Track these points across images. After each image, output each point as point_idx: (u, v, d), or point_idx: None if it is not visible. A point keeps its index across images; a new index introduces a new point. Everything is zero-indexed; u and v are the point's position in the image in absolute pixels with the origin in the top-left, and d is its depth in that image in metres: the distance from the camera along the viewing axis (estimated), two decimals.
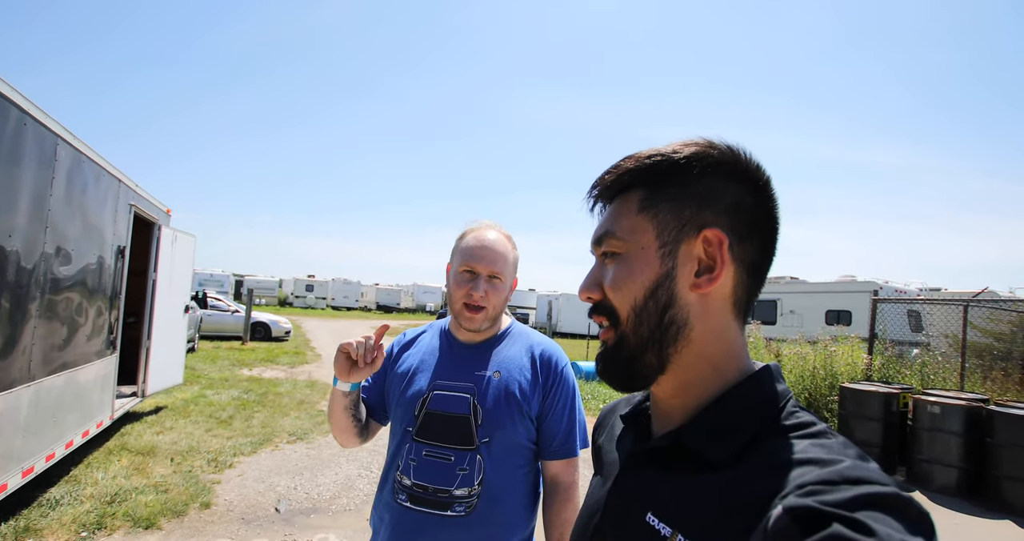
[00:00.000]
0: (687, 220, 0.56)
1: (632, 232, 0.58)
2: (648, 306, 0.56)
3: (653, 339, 0.56)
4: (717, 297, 0.56)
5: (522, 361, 1.33)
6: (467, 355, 1.34)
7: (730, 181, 0.56)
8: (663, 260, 0.56)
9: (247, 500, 3.90)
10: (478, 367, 1.31)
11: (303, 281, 38.15)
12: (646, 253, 0.57)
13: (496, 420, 1.25)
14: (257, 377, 9.01)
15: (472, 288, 1.28)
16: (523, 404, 1.28)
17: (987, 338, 9.61)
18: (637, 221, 0.58)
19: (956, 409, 5.08)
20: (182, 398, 6.85)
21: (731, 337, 0.57)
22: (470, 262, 1.29)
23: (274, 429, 5.80)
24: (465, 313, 1.29)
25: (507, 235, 1.37)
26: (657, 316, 0.55)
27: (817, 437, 0.49)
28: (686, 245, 0.56)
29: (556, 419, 1.31)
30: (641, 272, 0.56)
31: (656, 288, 0.56)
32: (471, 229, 1.36)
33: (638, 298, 0.56)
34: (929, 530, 0.38)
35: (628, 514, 0.57)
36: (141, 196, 5.22)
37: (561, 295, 27.66)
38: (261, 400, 7.17)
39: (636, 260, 0.57)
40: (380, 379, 1.43)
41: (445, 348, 1.37)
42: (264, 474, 4.45)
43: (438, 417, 1.26)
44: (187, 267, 6.43)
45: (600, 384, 9.77)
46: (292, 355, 12.08)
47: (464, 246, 1.32)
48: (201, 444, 5.05)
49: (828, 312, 14.27)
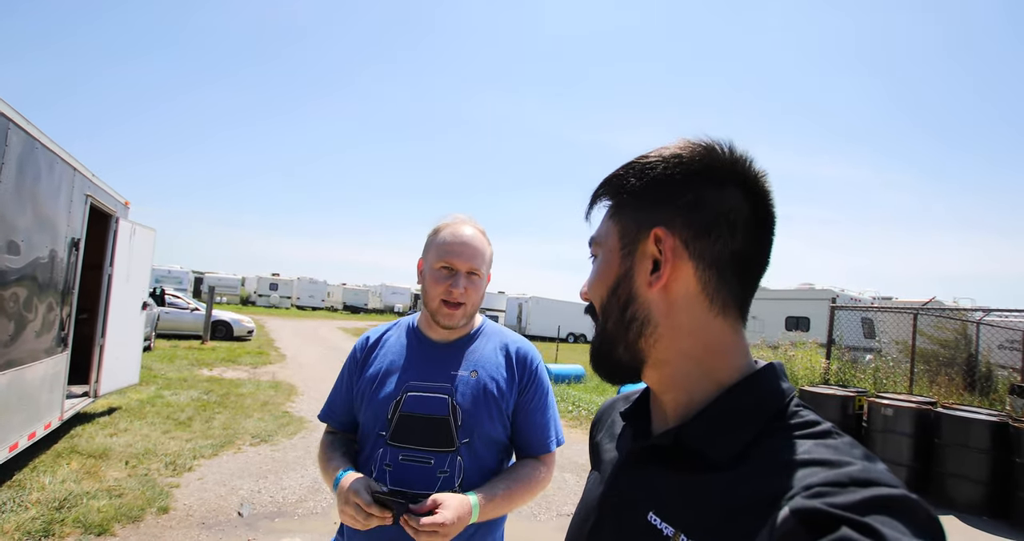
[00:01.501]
0: (643, 221, 0.58)
1: (604, 237, 0.62)
2: (611, 303, 0.59)
3: (619, 334, 0.59)
4: (680, 294, 0.55)
5: (498, 359, 1.32)
6: (441, 354, 1.31)
7: (693, 178, 0.56)
8: (623, 260, 0.59)
9: (208, 504, 3.75)
10: (453, 366, 1.28)
11: (267, 279, 37.07)
12: (611, 255, 0.60)
13: (475, 420, 1.23)
14: (218, 377, 8.69)
15: (452, 285, 1.25)
16: (501, 403, 1.27)
17: (934, 345, 10.14)
18: (608, 226, 0.62)
19: (907, 411, 5.34)
20: (137, 399, 6.55)
21: (712, 334, 0.56)
22: (448, 258, 1.26)
23: (236, 431, 5.60)
24: (444, 310, 1.26)
25: (482, 230, 1.35)
26: (619, 313, 0.59)
27: (823, 437, 0.48)
28: (642, 245, 0.57)
29: (532, 417, 1.32)
30: (605, 272, 0.60)
31: (616, 286, 0.59)
32: (446, 224, 1.32)
33: (603, 296, 0.60)
34: (938, 533, 0.38)
35: (628, 512, 0.57)
36: (98, 187, 4.98)
37: (531, 298, 27.75)
38: (222, 401, 6.92)
39: (604, 262, 0.61)
40: (347, 392, 1.36)
41: (416, 347, 1.32)
42: (226, 477, 4.30)
43: (414, 419, 1.23)
44: (145, 262, 6.16)
45: (569, 386, 9.85)
46: (255, 355, 11.71)
47: (441, 241, 1.28)
48: (158, 446, 4.84)
49: (788, 318, 14.79)
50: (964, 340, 10.49)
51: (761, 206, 0.56)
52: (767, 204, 0.56)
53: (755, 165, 0.57)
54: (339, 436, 1.38)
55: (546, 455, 1.34)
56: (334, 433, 1.39)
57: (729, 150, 0.56)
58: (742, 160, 0.56)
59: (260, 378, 8.97)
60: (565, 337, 26.05)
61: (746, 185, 0.56)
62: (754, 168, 0.57)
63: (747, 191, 0.56)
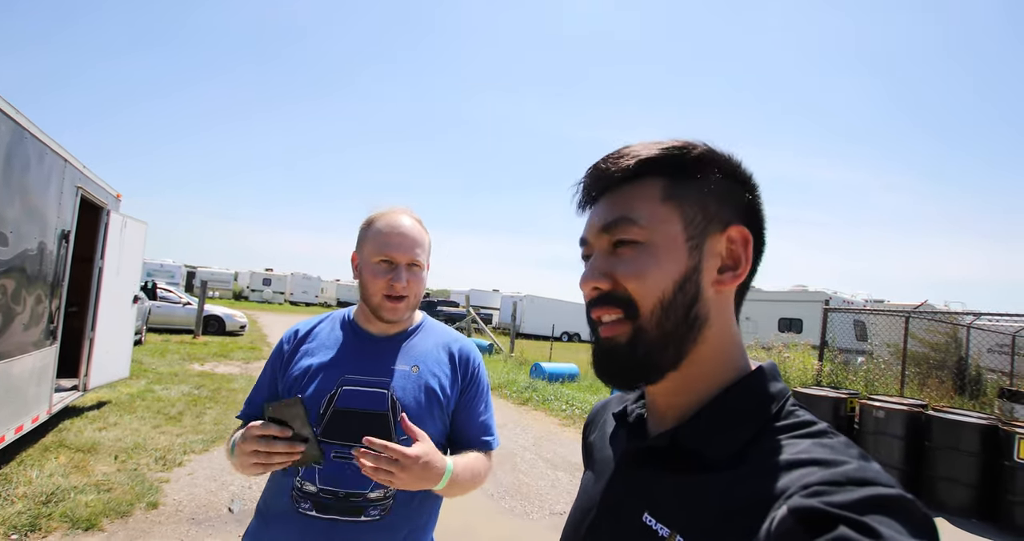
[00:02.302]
0: (712, 215, 0.55)
1: (656, 220, 0.55)
2: (676, 299, 0.53)
3: (677, 334, 0.54)
4: (729, 295, 0.57)
5: (439, 356, 1.29)
6: (379, 348, 1.25)
7: (737, 181, 0.57)
8: (691, 253, 0.54)
9: (198, 500, 3.72)
10: (393, 361, 1.23)
11: (260, 274, 36.87)
12: (675, 244, 0.54)
13: (417, 416, 1.19)
14: (210, 372, 8.63)
15: (393, 279, 1.20)
16: (442, 400, 1.23)
17: (924, 348, 10.22)
18: (662, 210, 0.55)
19: (898, 414, 5.36)
20: (128, 393, 6.48)
21: (736, 334, 0.58)
22: (387, 251, 1.20)
23: (228, 426, 5.56)
24: (387, 304, 1.21)
25: (418, 219, 1.29)
26: (684, 310, 0.54)
27: (819, 436, 0.49)
28: (711, 240, 0.55)
29: (472, 416, 1.29)
30: (670, 263, 0.54)
31: (685, 281, 0.54)
32: (380, 214, 1.26)
33: (666, 290, 0.53)
34: (932, 532, 0.38)
35: (624, 513, 0.56)
36: (89, 179, 4.92)
37: (525, 296, 27.75)
38: (214, 396, 6.87)
39: (664, 250, 0.54)
40: (271, 388, 1.29)
41: (352, 341, 1.26)
42: (217, 473, 4.26)
43: (350, 415, 1.16)
44: (137, 255, 6.10)
45: (563, 385, 9.84)
46: (247, 350, 11.64)
47: (376, 233, 1.23)
48: (148, 441, 4.79)
49: (781, 320, 14.86)
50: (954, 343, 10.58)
51: (763, 213, 0.59)
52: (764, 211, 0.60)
53: None
54: None
55: (487, 453, 1.30)
56: None
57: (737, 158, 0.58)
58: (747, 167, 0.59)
59: (252, 373, 8.92)
60: (559, 336, 26.08)
61: (757, 192, 0.59)
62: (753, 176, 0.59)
63: (758, 198, 0.59)
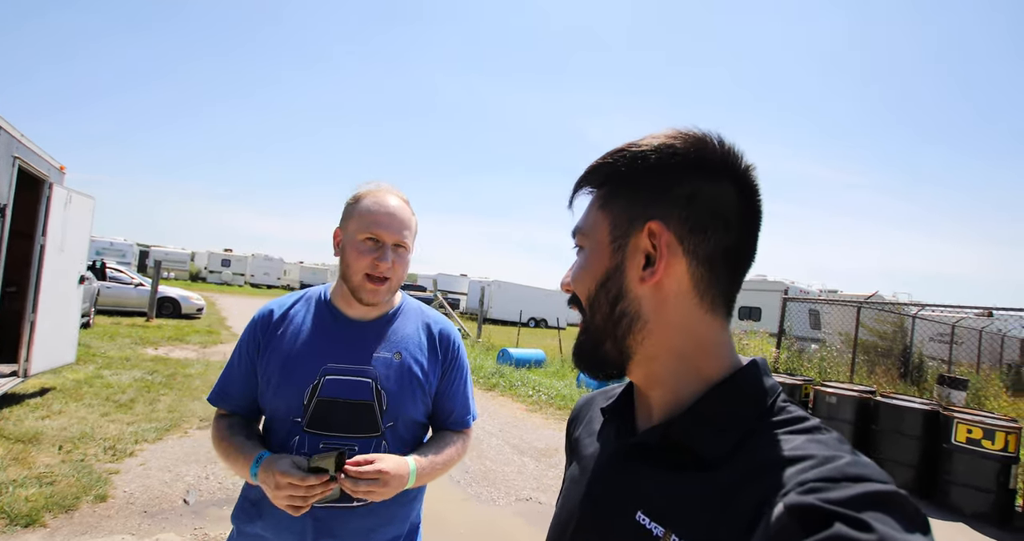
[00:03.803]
0: (637, 214, 0.56)
1: (593, 227, 0.59)
2: (599, 298, 0.57)
3: (607, 330, 0.57)
4: (672, 291, 0.55)
5: (420, 339, 1.28)
6: (361, 334, 1.22)
7: (689, 170, 0.54)
8: (613, 254, 0.57)
9: (151, 491, 3.57)
10: (376, 347, 1.21)
11: (219, 255, 35.46)
12: (600, 247, 0.58)
13: (401, 403, 1.19)
14: (164, 357, 8.28)
15: (379, 258, 1.16)
16: (424, 384, 1.24)
17: (874, 337, 10.76)
18: (597, 217, 0.59)
19: (849, 399, 5.63)
20: (74, 379, 6.15)
21: (701, 331, 0.55)
22: (374, 229, 1.16)
23: (183, 414, 5.35)
24: (368, 285, 1.17)
25: (406, 200, 1.26)
26: (608, 308, 0.57)
27: (812, 432, 0.49)
28: (634, 239, 0.56)
29: (453, 395, 1.31)
30: (594, 265, 0.58)
31: (606, 280, 0.57)
32: (368, 191, 1.22)
33: (591, 290, 0.58)
34: (925, 527, 0.39)
35: (615, 512, 0.55)
36: (28, 149, 4.56)
37: (493, 281, 27.74)
38: (168, 382, 6.59)
39: (592, 254, 0.59)
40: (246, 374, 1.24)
41: (331, 325, 1.22)
42: (171, 463, 4.09)
43: (336, 405, 1.15)
44: (83, 233, 5.73)
45: (530, 371, 9.92)
46: (205, 334, 11.22)
47: (364, 210, 1.18)
48: (96, 430, 4.56)
49: (741, 308, 15.35)
50: (901, 333, 11.18)
51: (751, 201, 0.56)
52: (757, 199, 0.56)
53: (745, 158, 0.56)
54: (237, 419, 1.26)
55: (466, 429, 1.35)
56: (230, 416, 1.27)
57: (720, 142, 0.55)
58: (733, 153, 0.56)
59: (210, 358, 8.61)
60: (526, 321, 26.25)
61: (737, 179, 0.55)
62: (744, 161, 0.56)
63: (739, 185, 0.55)
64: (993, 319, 13.07)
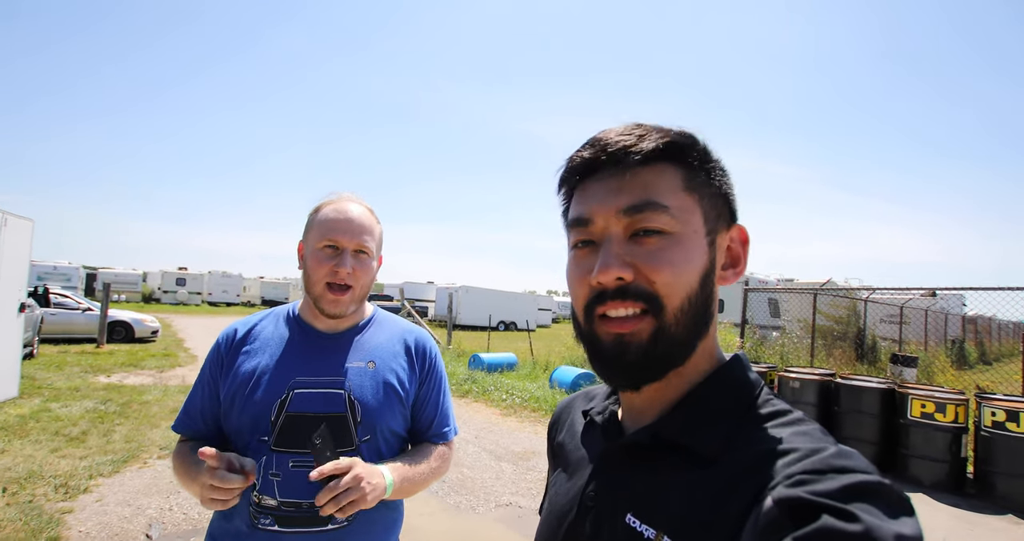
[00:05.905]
0: (720, 211, 0.55)
1: (683, 211, 0.52)
2: (700, 295, 0.52)
3: (697, 330, 0.53)
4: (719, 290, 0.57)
5: (395, 349, 1.23)
6: (330, 345, 1.18)
7: (728, 179, 0.57)
8: (708, 248, 0.54)
9: (109, 528, 3.36)
10: (345, 358, 1.17)
11: (173, 274, 33.99)
12: (697, 237, 0.52)
13: (378, 415, 1.14)
14: (117, 384, 7.84)
15: (337, 264, 1.11)
16: (401, 392, 1.19)
17: (829, 322, 11.24)
18: (685, 200, 0.52)
19: (812, 383, 5.85)
20: (17, 414, 5.74)
21: None
22: (332, 235, 1.13)
23: (141, 443, 5.08)
24: (328, 295, 1.12)
25: (370, 207, 1.23)
26: (704, 306, 0.53)
27: (796, 424, 0.49)
28: (721, 235, 0.56)
29: (432, 407, 1.27)
30: (696, 257, 0.52)
31: (706, 276, 0.53)
32: (328, 201, 1.19)
33: (693, 285, 0.51)
34: (910, 514, 0.39)
35: (605, 515, 0.54)
36: None
37: (461, 287, 27.58)
38: (123, 411, 6.24)
39: (690, 243, 0.52)
40: (210, 396, 1.19)
41: (299, 339, 1.18)
42: (130, 496, 3.87)
43: (304, 420, 1.09)
44: (22, 257, 5.40)
45: (503, 375, 9.89)
46: (161, 357, 10.70)
47: (323, 218, 1.15)
48: (45, 468, 4.27)
49: None
50: (854, 316, 11.72)
51: None
52: None
53: None
54: (198, 443, 1.18)
55: (447, 443, 1.29)
56: (192, 441, 1.21)
57: None
58: None
59: (168, 382, 8.21)
60: (496, 325, 26.20)
61: None
62: None
63: None
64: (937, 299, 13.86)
